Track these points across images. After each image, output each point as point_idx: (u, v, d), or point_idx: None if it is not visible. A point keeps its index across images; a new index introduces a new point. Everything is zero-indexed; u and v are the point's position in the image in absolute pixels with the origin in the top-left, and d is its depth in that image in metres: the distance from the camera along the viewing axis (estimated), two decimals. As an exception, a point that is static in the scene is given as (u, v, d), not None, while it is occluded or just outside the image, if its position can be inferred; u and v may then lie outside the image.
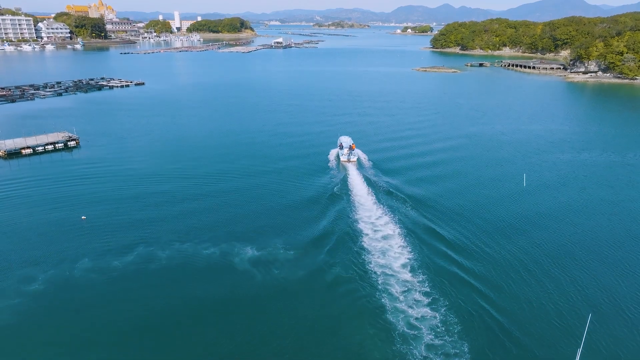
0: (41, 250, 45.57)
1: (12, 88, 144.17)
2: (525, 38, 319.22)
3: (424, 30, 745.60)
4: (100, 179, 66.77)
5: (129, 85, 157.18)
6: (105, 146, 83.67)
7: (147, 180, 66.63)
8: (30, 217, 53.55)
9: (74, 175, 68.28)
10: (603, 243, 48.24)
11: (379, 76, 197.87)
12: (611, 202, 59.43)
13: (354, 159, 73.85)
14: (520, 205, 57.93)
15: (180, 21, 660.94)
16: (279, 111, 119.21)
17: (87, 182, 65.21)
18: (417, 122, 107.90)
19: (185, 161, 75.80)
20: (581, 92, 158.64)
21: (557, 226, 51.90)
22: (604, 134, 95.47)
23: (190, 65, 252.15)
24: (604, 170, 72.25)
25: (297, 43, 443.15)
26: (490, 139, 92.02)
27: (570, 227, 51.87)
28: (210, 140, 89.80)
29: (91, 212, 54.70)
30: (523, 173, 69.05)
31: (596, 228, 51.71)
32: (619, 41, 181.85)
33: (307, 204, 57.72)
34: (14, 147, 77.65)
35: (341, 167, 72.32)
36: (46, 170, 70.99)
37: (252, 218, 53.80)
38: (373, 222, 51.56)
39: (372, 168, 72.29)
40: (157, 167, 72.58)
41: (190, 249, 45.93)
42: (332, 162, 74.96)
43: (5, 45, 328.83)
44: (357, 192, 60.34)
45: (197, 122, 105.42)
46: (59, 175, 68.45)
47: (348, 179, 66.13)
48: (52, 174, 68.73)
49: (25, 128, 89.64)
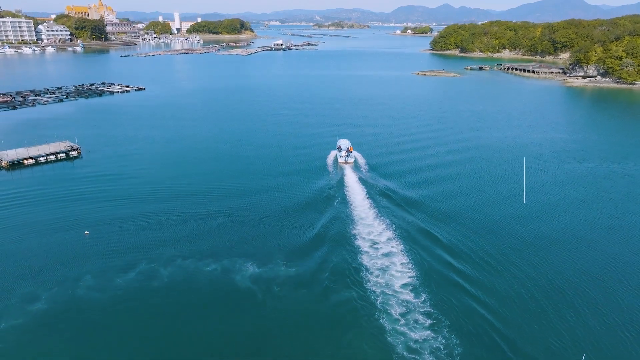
0: (45, 267, 46.09)
1: (13, 94, 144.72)
2: (525, 41, 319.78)
3: (424, 31, 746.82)
4: (101, 190, 67.24)
5: (129, 91, 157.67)
6: (106, 156, 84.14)
7: (148, 191, 67.17)
8: (34, 231, 54.06)
9: (76, 187, 68.73)
10: (603, 259, 48.69)
11: (379, 80, 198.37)
12: (611, 215, 59.86)
13: (350, 160, 77.47)
14: (521, 222, 57.93)
15: (180, 22, 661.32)
16: (280, 115, 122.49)
17: (89, 194, 65.67)
18: (416, 127, 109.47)
19: (186, 170, 76.47)
20: (580, 98, 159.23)
21: (558, 246, 51.84)
22: (603, 143, 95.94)
23: (190, 69, 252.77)
24: (604, 181, 72.72)
25: (296, 45, 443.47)
26: (490, 147, 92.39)
27: (571, 245, 52.04)
28: (211, 148, 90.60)
29: (93, 226, 55.24)
30: (523, 185, 69.39)
31: (596, 244, 52.05)
32: (617, 46, 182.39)
33: (306, 205, 61.42)
34: (17, 158, 78.18)
35: (339, 168, 76.45)
36: (48, 181, 71.39)
37: (252, 225, 55.51)
38: (366, 223, 55.19)
39: (368, 169, 76.19)
40: (158, 177, 73.07)
41: (192, 266, 46.45)
42: (330, 163, 78.79)
43: (5, 47, 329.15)
44: (352, 192, 64.72)
45: (198, 130, 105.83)
46: (61, 187, 68.88)
47: (344, 179, 70.29)
48: (54, 186, 69.15)
49: (27, 137, 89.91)
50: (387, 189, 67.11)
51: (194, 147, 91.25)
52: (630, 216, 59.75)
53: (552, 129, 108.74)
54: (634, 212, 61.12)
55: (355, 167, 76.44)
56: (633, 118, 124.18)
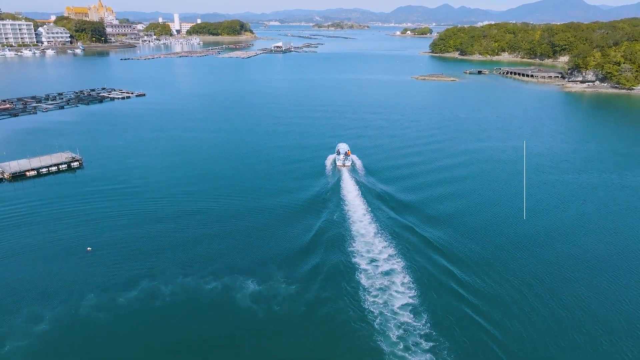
0: (49, 284, 46.81)
1: (14, 100, 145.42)
2: (524, 44, 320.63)
3: (423, 32, 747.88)
4: (103, 203, 67.93)
5: (129, 97, 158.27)
6: (107, 167, 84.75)
7: (150, 205, 67.84)
8: (37, 247, 54.73)
9: (78, 200, 69.36)
10: (602, 275, 49.40)
11: (379, 85, 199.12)
12: (610, 230, 60.43)
13: (348, 163, 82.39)
14: (520, 236, 58.53)
15: (180, 23, 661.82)
16: (281, 118, 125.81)
17: (91, 208, 66.30)
18: (414, 134, 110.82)
19: (187, 182, 77.24)
20: (579, 104, 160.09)
21: (558, 258, 52.69)
22: (602, 153, 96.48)
23: (190, 73, 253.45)
24: (603, 193, 73.38)
25: (296, 47, 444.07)
26: (490, 158, 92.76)
27: (571, 258, 52.92)
28: (212, 157, 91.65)
29: (95, 242, 55.93)
30: (523, 200, 69.97)
31: (595, 260, 52.68)
32: (616, 51, 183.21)
33: (306, 207, 65.94)
34: (19, 170, 78.84)
35: (337, 170, 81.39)
36: (50, 194, 71.92)
37: (251, 236, 57.36)
38: (360, 225, 59.28)
39: (365, 172, 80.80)
40: (159, 190, 73.76)
41: (193, 283, 47.17)
42: (329, 166, 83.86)
43: (5, 50, 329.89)
44: (348, 193, 69.79)
45: (199, 138, 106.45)
46: (63, 200, 69.46)
47: (341, 181, 75.29)
48: (56, 199, 69.71)
49: (29, 147, 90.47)
50: (382, 190, 72.09)
51: (195, 157, 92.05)
52: (629, 230, 60.53)
53: (551, 137, 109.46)
54: (631, 225, 61.91)
55: (352, 170, 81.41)
56: (631, 126, 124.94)
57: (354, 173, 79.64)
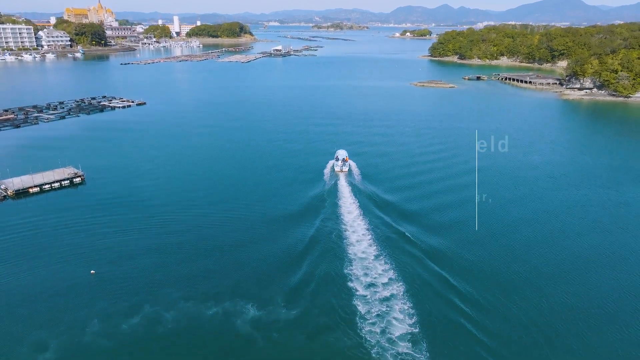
0: (53, 311, 47.85)
1: (15, 110, 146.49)
2: (523, 48, 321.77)
3: (423, 34, 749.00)
4: (105, 221, 68.96)
5: (130, 106, 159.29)
6: (109, 183, 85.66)
7: (150, 221, 69.16)
8: (41, 268, 55.92)
9: (80, 218, 70.32)
10: (600, 298, 50.57)
11: (378, 92, 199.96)
12: (607, 251, 61.42)
13: (345, 169, 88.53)
14: (519, 257, 59.32)
15: (179, 25, 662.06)
16: (282, 127, 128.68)
17: (93, 227, 67.32)
18: (412, 144, 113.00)
19: (189, 197, 78.64)
20: (577, 114, 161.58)
21: (557, 283, 53.53)
22: (599, 167, 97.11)
23: (190, 79, 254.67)
24: (601, 211, 74.27)
25: (295, 50, 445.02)
26: (488, 171, 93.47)
27: (569, 281, 54.10)
28: (214, 171, 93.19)
29: (98, 261, 57.14)
30: (521, 218, 71.43)
31: (592, 283, 53.83)
32: (613, 59, 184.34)
33: (304, 211, 71.82)
34: (22, 187, 79.92)
35: (335, 175, 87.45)
36: (53, 212, 72.82)
37: (253, 250, 59.94)
38: (352, 226, 65.59)
39: (361, 177, 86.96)
40: (159, 205, 74.97)
41: (194, 309, 48.22)
42: (328, 171, 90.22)
43: (6, 54, 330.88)
44: (343, 197, 76.38)
45: (201, 151, 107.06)
46: (66, 218, 70.40)
47: (338, 184, 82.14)
48: (59, 217, 70.66)
49: (32, 162, 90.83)
50: (375, 194, 78.54)
51: (197, 170, 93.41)
52: (625, 249, 61.67)
53: (550, 150, 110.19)
54: (628, 244, 63.07)
55: (349, 174, 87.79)
56: (630, 137, 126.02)
57: (350, 177, 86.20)
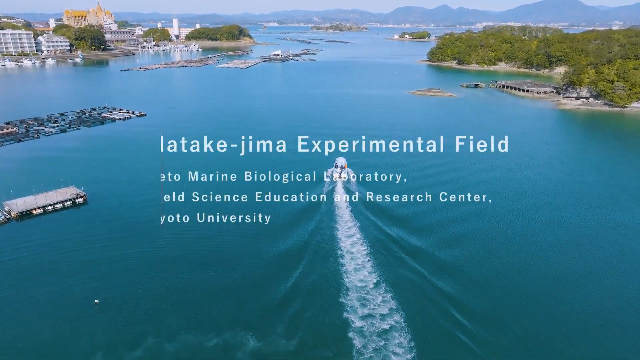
0: (57, 343, 49.03)
1: (16, 122, 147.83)
2: (521, 54, 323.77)
3: (421, 36, 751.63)
4: (108, 245, 70.18)
5: (130, 117, 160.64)
6: (111, 202, 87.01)
7: (153, 245, 70.34)
8: (44, 295, 57.10)
9: (83, 241, 71.26)
10: (599, 326, 52.12)
11: (377, 102, 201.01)
12: (605, 275, 62.90)
13: (344, 175, 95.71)
14: (514, 280, 61.09)
15: (179, 28, 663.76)
16: (284, 134, 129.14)
17: (95, 250, 68.51)
18: (411, 158, 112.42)
19: (191, 218, 79.31)
20: (574, 125, 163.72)
21: (557, 305, 55.37)
22: (597, 184, 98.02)
23: (190, 88, 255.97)
24: (599, 233, 75.51)
25: (295, 54, 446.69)
26: (486, 187, 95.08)
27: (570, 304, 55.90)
28: (215, 188, 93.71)
29: (101, 290, 57.99)
30: (520, 237, 73.40)
31: (590, 311, 55.22)
32: (609, 69, 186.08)
33: (302, 215, 79.78)
34: (25, 209, 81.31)
35: (333, 180, 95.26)
36: (56, 235, 73.83)
37: (253, 274, 62.01)
38: (345, 231, 73.66)
39: (357, 183, 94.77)
40: (159, 228, 76.02)
41: (195, 341, 49.50)
42: (327, 177, 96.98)
43: (6, 60, 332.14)
44: (339, 202, 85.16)
45: (202, 169, 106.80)
46: (69, 242, 71.28)
47: (335, 188, 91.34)
48: (62, 241, 71.58)
49: (34, 181, 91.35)
50: (368, 197, 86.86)
51: (198, 189, 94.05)
52: (623, 277, 62.96)
53: (549, 166, 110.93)
54: (625, 272, 64.50)
55: (347, 180, 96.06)
56: (626, 151, 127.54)
57: (348, 183, 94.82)
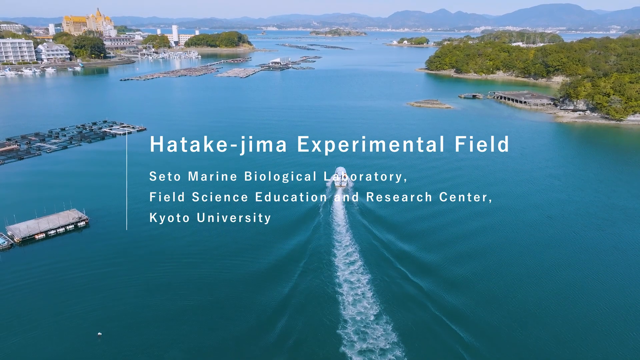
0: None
1: (18, 138, 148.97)
2: (518, 63, 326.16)
3: (420, 42, 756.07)
4: (109, 272, 71.12)
5: (131, 132, 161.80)
6: (112, 226, 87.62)
7: (155, 272, 71.40)
8: (44, 326, 58.01)
9: (85, 267, 72.41)
10: None
11: (374, 115, 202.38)
12: (604, 300, 64.61)
13: (344, 183, 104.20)
14: (513, 302, 62.76)
15: (178, 35, 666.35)
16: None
17: (97, 278, 69.48)
18: (411, 173, 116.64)
19: (193, 242, 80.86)
20: (572, 140, 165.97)
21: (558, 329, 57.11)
22: (596, 204, 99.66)
23: (190, 99, 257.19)
24: (599, 256, 76.85)
25: (294, 62, 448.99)
26: (485, 207, 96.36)
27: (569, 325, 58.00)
28: (216, 208, 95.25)
29: (103, 321, 59.01)
30: (518, 258, 74.96)
31: (588, 332, 57.06)
32: (605, 82, 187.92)
33: (302, 219, 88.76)
34: (28, 234, 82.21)
35: (334, 188, 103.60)
36: (58, 261, 74.82)
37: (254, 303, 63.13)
38: (341, 238, 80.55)
39: (355, 190, 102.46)
40: (161, 253, 77.27)
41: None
42: (329, 184, 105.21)
43: (6, 70, 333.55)
44: (337, 207, 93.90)
45: (202, 190, 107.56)
46: (71, 268, 72.38)
47: (335, 194, 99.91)
48: (64, 267, 72.64)
49: (37, 203, 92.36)
50: (369, 204, 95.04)
51: (200, 209, 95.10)
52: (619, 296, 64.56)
53: (549, 185, 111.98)
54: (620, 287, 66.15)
55: (346, 188, 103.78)
56: (623, 168, 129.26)
57: (346, 191, 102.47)
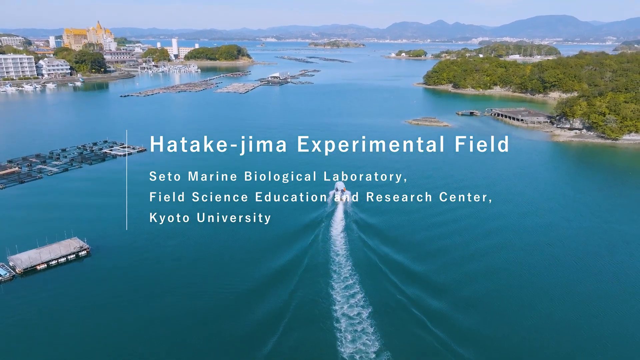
0: None
1: (19, 161, 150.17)
2: (515, 78, 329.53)
3: (418, 54, 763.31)
4: (111, 304, 71.86)
5: (131, 153, 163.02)
6: (114, 256, 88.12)
7: (157, 303, 72.09)
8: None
9: (85, 303, 72.54)
10: None
11: (372, 134, 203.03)
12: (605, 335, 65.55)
13: (343, 198, 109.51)
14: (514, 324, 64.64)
15: (178, 48, 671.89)
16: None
17: (98, 311, 70.10)
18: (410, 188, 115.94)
19: (195, 272, 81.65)
20: (567, 159, 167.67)
21: None
22: (597, 229, 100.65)
23: (189, 117, 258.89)
24: (601, 286, 77.55)
25: (293, 76, 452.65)
26: (483, 227, 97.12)
27: None
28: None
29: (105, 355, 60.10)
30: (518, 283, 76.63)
31: None
32: (601, 101, 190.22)
33: (303, 219, 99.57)
34: (30, 264, 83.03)
35: (334, 202, 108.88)
36: (59, 296, 75.04)
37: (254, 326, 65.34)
38: (338, 250, 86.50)
39: (354, 204, 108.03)
40: (163, 283, 78.00)
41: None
42: (329, 199, 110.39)
43: (7, 85, 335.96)
44: (337, 219, 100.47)
45: (205, 213, 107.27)
46: (73, 301, 72.71)
47: (336, 209, 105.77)
48: (64, 302, 72.87)
49: (38, 231, 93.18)
50: (364, 216, 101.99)
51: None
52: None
53: (549, 209, 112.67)
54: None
55: (345, 202, 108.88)
56: (625, 187, 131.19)
57: (345, 205, 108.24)
